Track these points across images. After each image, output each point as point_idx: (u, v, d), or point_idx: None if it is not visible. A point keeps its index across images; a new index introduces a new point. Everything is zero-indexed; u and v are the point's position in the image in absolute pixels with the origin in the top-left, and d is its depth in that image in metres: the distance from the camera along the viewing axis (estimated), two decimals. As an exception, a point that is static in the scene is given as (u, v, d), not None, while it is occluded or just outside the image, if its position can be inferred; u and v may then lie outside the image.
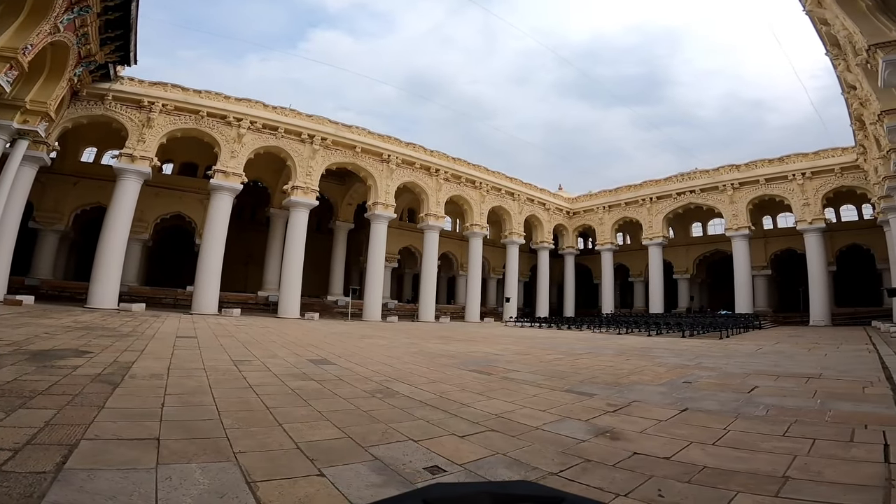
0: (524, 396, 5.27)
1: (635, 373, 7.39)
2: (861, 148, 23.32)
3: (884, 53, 9.81)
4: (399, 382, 5.94)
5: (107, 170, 23.90)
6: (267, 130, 24.67)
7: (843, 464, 3.01)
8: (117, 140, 22.43)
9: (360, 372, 6.72)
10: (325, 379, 5.95)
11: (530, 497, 0.51)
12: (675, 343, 14.07)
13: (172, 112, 22.65)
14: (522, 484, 0.55)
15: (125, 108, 21.82)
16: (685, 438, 3.67)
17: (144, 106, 21.95)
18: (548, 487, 0.54)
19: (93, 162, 28.55)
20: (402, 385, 5.76)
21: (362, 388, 5.50)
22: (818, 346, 13.26)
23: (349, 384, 5.69)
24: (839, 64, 15.13)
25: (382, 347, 10.85)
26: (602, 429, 3.97)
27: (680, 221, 37.88)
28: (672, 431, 3.92)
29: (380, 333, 15.82)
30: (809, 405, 5.01)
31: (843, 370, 7.88)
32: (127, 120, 21.84)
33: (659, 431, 3.93)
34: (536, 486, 0.54)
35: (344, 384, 5.68)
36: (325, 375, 6.24)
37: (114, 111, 21.62)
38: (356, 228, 34.80)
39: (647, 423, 4.18)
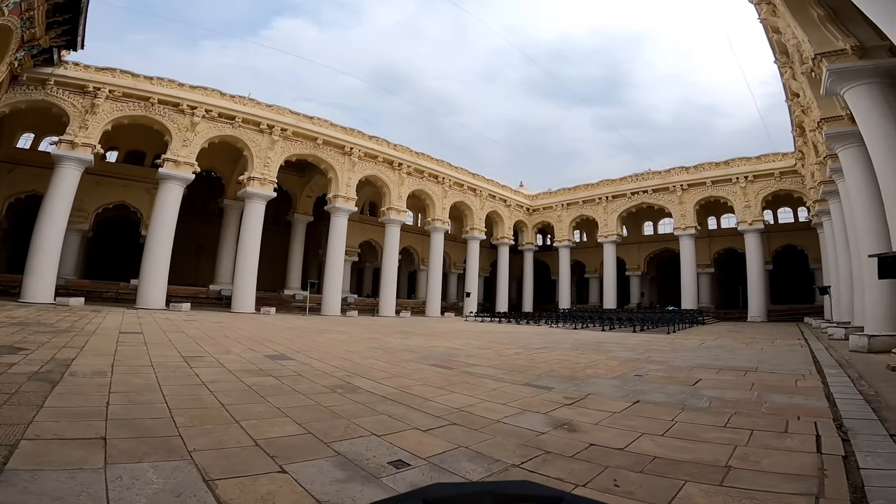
0: (485, 390, 5.35)
1: (590, 366, 7.65)
2: (800, 154, 25.05)
3: (828, 62, 10.38)
4: (360, 378, 5.88)
5: (45, 156, 22.16)
6: (223, 119, 23.66)
7: (779, 454, 3.22)
8: (58, 126, 20.96)
9: (319, 367, 6.60)
10: (283, 375, 5.80)
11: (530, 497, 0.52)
12: (627, 338, 14.68)
13: (120, 98, 21.38)
14: (522, 483, 0.56)
15: (68, 93, 20.43)
16: (637, 430, 3.84)
17: (89, 92, 20.63)
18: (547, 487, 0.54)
19: (29, 148, 26.43)
20: (363, 380, 5.70)
21: (322, 383, 5.41)
22: (755, 340, 14.19)
23: (308, 380, 5.58)
24: (786, 72, 16.10)
25: (342, 342, 10.70)
26: (560, 421, 4.09)
27: (633, 220, 39.43)
28: (625, 423, 4.10)
29: (339, 328, 15.58)
30: (747, 397, 5.36)
31: (778, 364, 8.49)
32: (69, 106, 20.44)
33: (613, 423, 4.10)
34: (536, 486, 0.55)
35: (303, 380, 5.57)
36: (283, 371, 6.08)
37: (55, 97, 20.15)
38: (315, 221, 34.05)
39: (601, 416, 4.35)
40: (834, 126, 13.90)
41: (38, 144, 26.59)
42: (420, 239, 38.54)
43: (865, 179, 13.43)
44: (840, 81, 10.61)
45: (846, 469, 2.81)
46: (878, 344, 10.42)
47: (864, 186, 13.39)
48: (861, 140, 13.55)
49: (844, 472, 2.76)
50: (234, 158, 26.91)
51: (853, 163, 13.82)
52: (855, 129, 13.68)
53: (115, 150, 28.86)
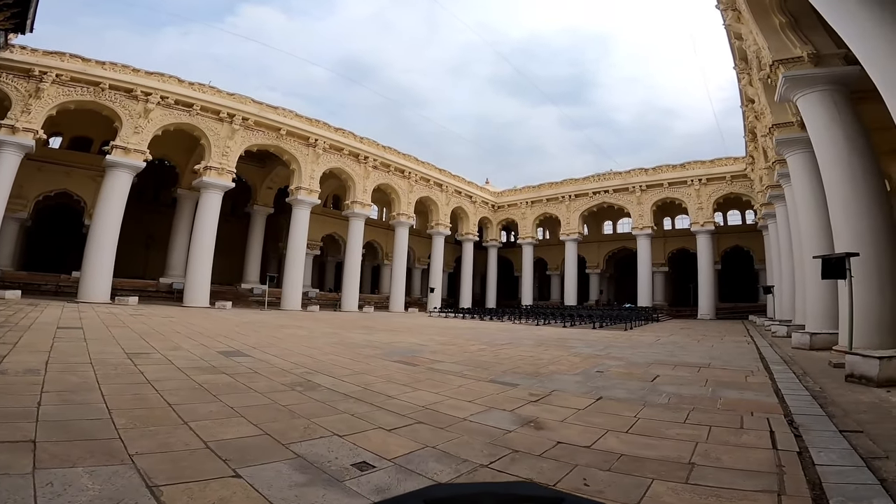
0: (450, 387, 5.25)
1: (553, 363, 7.72)
2: (750, 158, 26.35)
3: (785, 69, 10.80)
4: (321, 375, 5.66)
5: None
6: (180, 107, 22.54)
7: (737, 450, 3.28)
8: (0, 110, 19.43)
9: (277, 364, 6.31)
10: (237, 372, 5.50)
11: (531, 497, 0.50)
12: (587, 334, 15.00)
13: (67, 83, 20.17)
14: (523, 484, 0.54)
15: (11, 77, 19.22)
16: (602, 427, 3.85)
17: (34, 76, 19.43)
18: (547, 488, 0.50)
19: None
20: (323, 377, 5.48)
21: (280, 381, 5.16)
22: (706, 337, 14.82)
23: (265, 377, 5.31)
24: (744, 78, 16.76)
25: (302, 338, 10.35)
26: (526, 419, 4.05)
27: (594, 219, 40.49)
28: (590, 420, 4.10)
29: (299, 323, 15.12)
30: (703, 393, 5.52)
31: (728, 360, 8.86)
32: (12, 90, 19.24)
33: (578, 420, 4.09)
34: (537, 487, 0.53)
35: (259, 377, 5.29)
36: (238, 368, 5.77)
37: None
38: (276, 213, 33.02)
39: (567, 412, 4.34)
40: (784, 132, 14.56)
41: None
42: (384, 233, 38.12)
43: (811, 184, 14.13)
44: (794, 88, 10.99)
45: (802, 465, 2.89)
46: (818, 341, 11.02)
47: (809, 191, 14.09)
48: (808, 146, 14.27)
49: (801, 468, 2.83)
50: (190, 147, 25.67)
51: (800, 168, 14.51)
52: (803, 135, 14.37)
53: (60, 136, 27.01)
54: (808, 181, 14.17)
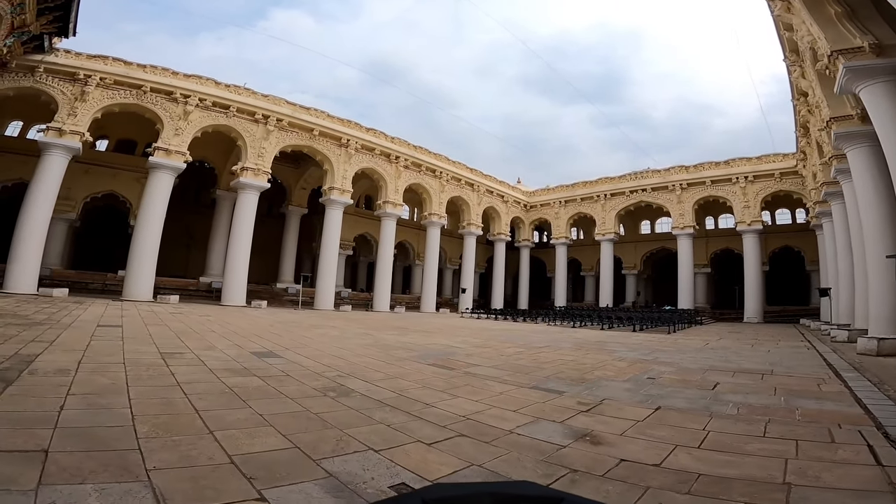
0: (490, 394, 4.89)
1: (598, 368, 7.23)
2: (802, 154, 24.76)
3: (845, 60, 10.10)
4: (353, 378, 5.40)
5: (32, 144, 21.55)
6: (217, 108, 23.09)
7: (836, 467, 2.84)
8: (47, 114, 20.51)
9: (309, 366, 6.11)
10: (268, 375, 5.31)
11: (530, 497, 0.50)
12: (628, 337, 14.29)
13: (111, 86, 20.92)
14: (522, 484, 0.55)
15: (58, 80, 19.99)
16: (668, 441, 3.41)
17: (80, 79, 20.17)
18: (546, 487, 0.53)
19: (17, 136, 25.77)
20: (356, 382, 5.22)
21: (312, 385, 4.93)
22: (758, 342, 13.86)
23: (297, 381, 5.09)
24: (795, 70, 15.76)
25: (334, 338, 10.20)
26: (580, 431, 3.64)
27: (630, 219, 39.14)
28: (652, 433, 3.66)
29: (331, 323, 15.08)
30: (775, 403, 4.97)
31: (791, 366, 8.11)
32: (58, 93, 20.02)
33: (639, 433, 3.66)
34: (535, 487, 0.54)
35: (291, 381, 5.08)
36: (270, 370, 5.59)
37: (44, 84, 19.73)
38: (309, 213, 33.47)
39: (624, 424, 3.90)
40: (843, 126, 13.62)
41: (26, 132, 26.03)
42: (416, 233, 38.05)
43: (874, 180, 13.16)
44: (856, 79, 10.31)
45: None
46: (886, 347, 10.10)
47: (873, 187, 13.11)
48: (871, 140, 13.28)
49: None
50: (227, 149, 26.32)
51: (862, 163, 13.52)
52: (864, 128, 13.40)
53: (105, 139, 28.23)
54: (872, 177, 13.23)
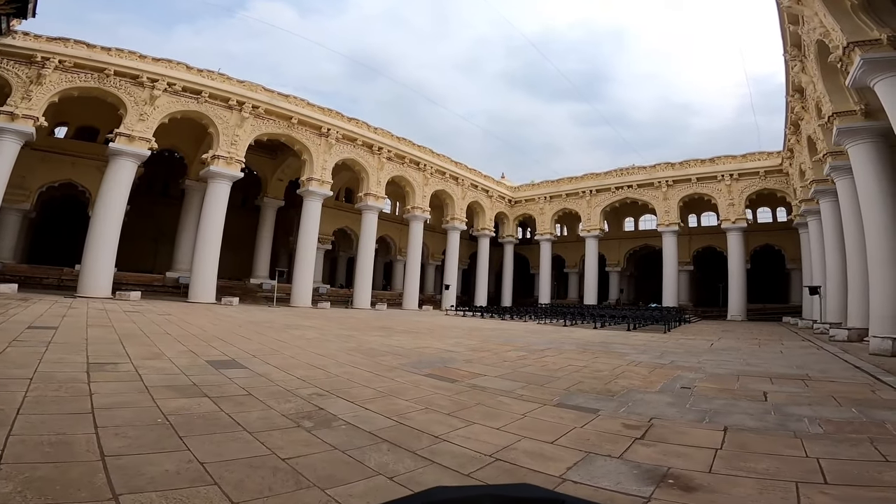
0: (511, 417, 3.84)
1: (618, 376, 6.27)
2: (789, 152, 24.54)
3: (862, 52, 9.73)
4: (336, 398, 4.27)
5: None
6: (188, 94, 21.47)
7: None
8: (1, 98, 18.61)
9: (279, 381, 4.94)
10: (224, 395, 4.13)
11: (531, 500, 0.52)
12: (627, 337, 13.48)
13: (71, 69, 19.21)
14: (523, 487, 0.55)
15: (13, 63, 18.31)
16: (779, 477, 2.54)
17: (37, 62, 18.49)
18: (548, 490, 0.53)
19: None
20: (340, 403, 4.09)
21: (282, 409, 3.78)
22: (760, 341, 13.26)
23: (262, 403, 3.93)
24: (795, 65, 15.32)
25: (312, 341, 8.98)
26: (654, 471, 2.64)
27: (615, 215, 38.71)
28: (748, 467, 2.76)
29: (309, 322, 13.81)
30: (852, 416, 4.17)
31: (822, 370, 7.36)
32: (13, 76, 18.34)
33: (731, 468, 2.73)
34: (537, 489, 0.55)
35: (253, 403, 3.91)
36: (228, 388, 4.40)
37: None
38: (286, 206, 31.89)
39: (702, 455, 2.95)
40: (847, 121, 13.32)
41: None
42: (398, 228, 36.83)
43: (878, 176, 12.86)
44: (872, 72, 9.95)
45: None
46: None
47: (876, 183, 12.81)
48: (874, 136, 12.94)
49: None
50: (198, 137, 24.63)
51: (864, 159, 13.18)
52: (868, 124, 13.02)
53: (65, 126, 26.11)
54: (875, 172, 12.95)
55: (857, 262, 14.86)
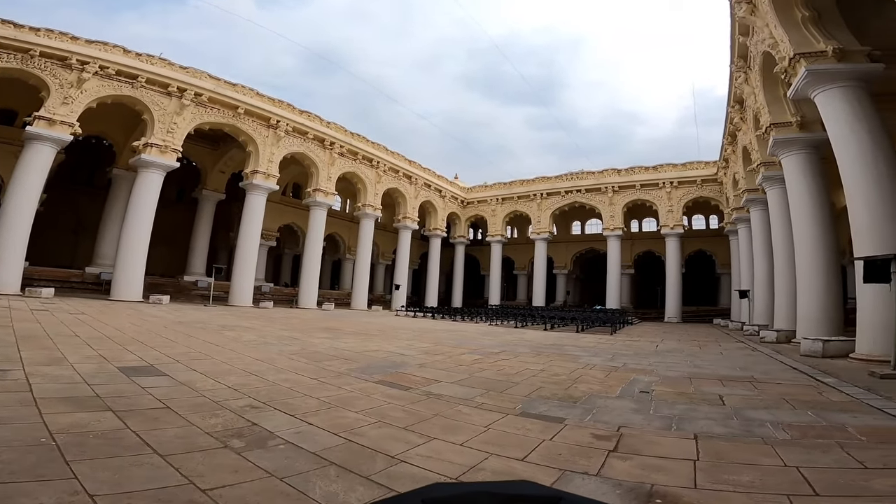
0: (474, 430, 3.48)
1: (576, 380, 6.09)
2: (724, 162, 26.04)
3: (807, 63, 10.12)
4: (273, 410, 3.72)
5: None
6: (122, 78, 19.66)
7: None
8: None
9: (207, 390, 4.30)
10: (135, 407, 3.47)
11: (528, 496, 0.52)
12: (577, 339, 13.59)
13: None
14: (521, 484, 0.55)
15: None
16: (767, 490, 2.44)
17: None
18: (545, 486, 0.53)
19: None
20: (278, 416, 3.55)
21: (206, 424, 3.20)
22: (699, 343, 13.72)
23: (182, 417, 3.32)
24: (739, 76, 16.08)
25: (250, 344, 8.20)
26: (637, 489, 2.39)
27: (563, 219, 39.65)
28: (733, 480, 2.62)
29: (248, 323, 12.83)
30: (811, 420, 4.21)
31: (765, 372, 7.60)
32: None
33: (715, 482, 2.58)
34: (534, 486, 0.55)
35: (171, 418, 3.30)
36: (140, 399, 3.73)
37: None
38: (228, 200, 30.00)
39: (681, 469, 2.75)
40: (783, 132, 14.00)
41: None
42: (347, 226, 35.79)
43: (809, 186, 13.57)
44: (815, 83, 10.37)
45: None
46: (832, 349, 10.10)
47: (808, 193, 13.51)
48: (807, 147, 13.72)
49: None
50: (132, 124, 22.60)
51: (797, 169, 13.89)
52: (802, 135, 13.82)
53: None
54: (806, 183, 13.66)
55: (785, 268, 15.72)
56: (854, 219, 9.75)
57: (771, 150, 14.54)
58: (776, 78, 13.62)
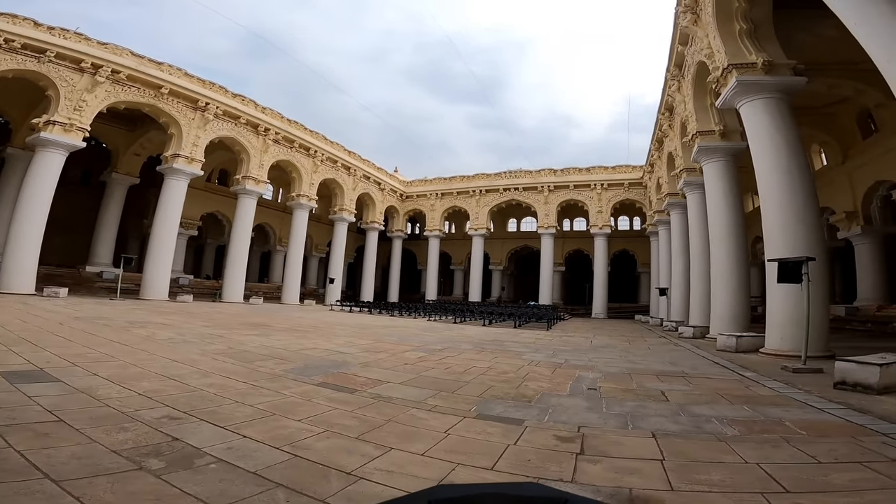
0: (433, 436, 3.19)
1: (525, 378, 6.00)
2: (650, 167, 27.73)
3: (738, 73, 10.66)
4: (198, 421, 3.18)
5: None
6: (27, 52, 17.38)
7: None
8: None
9: (111, 398, 3.63)
10: (19, 420, 2.80)
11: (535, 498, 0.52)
12: (516, 335, 13.74)
13: None
14: (528, 485, 0.55)
15: None
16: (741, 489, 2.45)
17: None
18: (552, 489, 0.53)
19: None
20: (205, 428, 3.04)
21: (113, 441, 2.64)
22: (627, 339, 14.29)
23: (80, 433, 2.72)
24: (674, 84, 16.99)
25: (165, 344, 7.28)
26: (618, 495, 2.32)
27: (499, 216, 40.39)
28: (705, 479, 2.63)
29: (163, 319, 11.57)
30: (751, 415, 4.39)
31: (692, 366, 7.99)
32: None
33: (689, 482, 2.59)
34: (540, 487, 0.54)
35: (67, 433, 2.69)
36: (26, 412, 3.02)
37: None
38: (143, 185, 27.29)
39: (652, 470, 2.71)
40: (707, 139, 14.86)
41: None
42: (279, 216, 34.00)
43: (725, 192, 14.59)
44: (744, 93, 10.92)
45: None
46: (744, 344, 10.89)
47: (723, 197, 14.49)
48: (726, 155, 14.76)
49: None
50: (34, 101, 19.96)
51: (716, 175, 14.83)
52: (723, 144, 14.82)
53: None
54: (723, 189, 14.58)
55: (700, 268, 16.86)
56: (767, 222, 10.49)
57: (695, 157, 15.52)
58: (706, 88, 14.54)
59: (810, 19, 11.99)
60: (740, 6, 10.97)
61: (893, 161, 16.63)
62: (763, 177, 10.73)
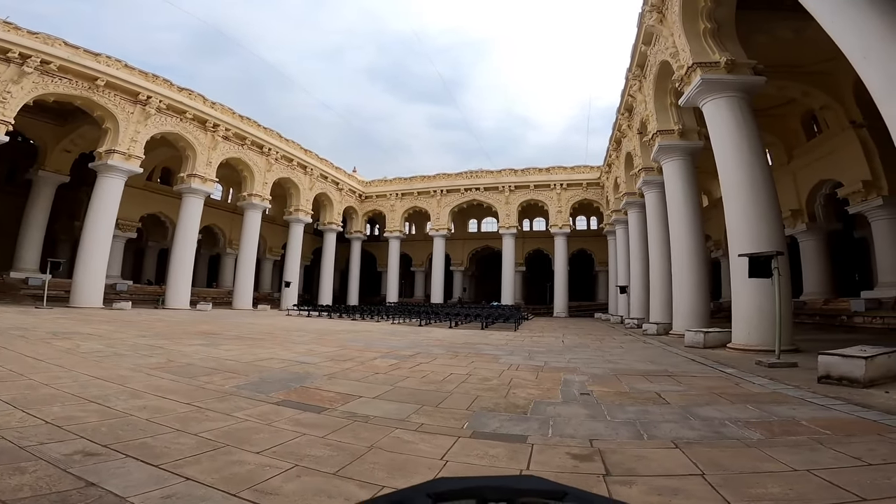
0: (430, 466, 2.60)
1: (510, 384, 5.50)
2: (607, 167, 28.22)
3: (702, 72, 10.77)
4: (124, 458, 2.44)
5: None
6: None
7: None
8: None
9: (10, 428, 2.80)
10: None
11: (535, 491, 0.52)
12: (485, 336, 13.30)
13: None
14: (527, 479, 0.55)
15: None
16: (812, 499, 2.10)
17: None
18: (552, 482, 0.54)
19: None
20: (131, 467, 2.30)
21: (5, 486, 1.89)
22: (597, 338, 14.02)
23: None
24: (634, 84, 17.16)
25: (91, 357, 6.22)
26: None
27: (460, 217, 40.17)
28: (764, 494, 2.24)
29: (91, 329, 10.24)
30: (763, 415, 4.10)
31: (672, 364, 7.82)
32: None
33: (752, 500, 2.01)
34: (540, 481, 0.54)
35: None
36: None
37: None
38: (74, 183, 24.97)
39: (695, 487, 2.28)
40: (667, 139, 15.08)
41: None
42: (229, 217, 32.19)
43: (684, 190, 14.80)
44: (707, 92, 11.04)
45: None
46: (711, 340, 10.98)
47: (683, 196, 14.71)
48: (685, 155, 15.04)
49: None
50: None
51: (676, 174, 15.05)
52: (682, 143, 15.07)
53: None
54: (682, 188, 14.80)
55: (660, 265, 17.09)
56: (731, 218, 10.62)
57: (655, 156, 15.73)
58: (666, 88, 14.71)
59: (768, 21, 12.35)
60: (706, 6, 11.09)
61: (836, 161, 17.57)
62: (727, 174, 10.85)
